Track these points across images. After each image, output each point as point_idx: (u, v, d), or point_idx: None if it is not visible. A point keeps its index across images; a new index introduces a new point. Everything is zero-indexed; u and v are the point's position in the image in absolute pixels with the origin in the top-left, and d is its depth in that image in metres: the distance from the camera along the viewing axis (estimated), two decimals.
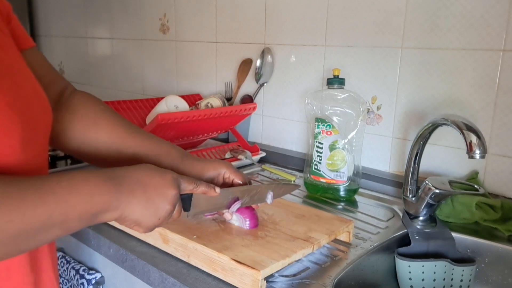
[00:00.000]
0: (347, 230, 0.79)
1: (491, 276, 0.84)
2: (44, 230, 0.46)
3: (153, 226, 0.57)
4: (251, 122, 1.41)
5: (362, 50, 1.12)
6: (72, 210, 0.47)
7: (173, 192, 0.57)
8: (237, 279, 0.63)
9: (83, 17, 2.06)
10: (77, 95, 0.72)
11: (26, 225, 0.43)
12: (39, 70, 0.65)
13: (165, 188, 0.56)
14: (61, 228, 0.47)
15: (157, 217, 0.56)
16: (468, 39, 0.95)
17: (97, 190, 0.50)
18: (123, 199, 0.52)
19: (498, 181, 0.95)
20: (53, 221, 0.46)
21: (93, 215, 0.50)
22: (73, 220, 0.48)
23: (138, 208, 0.54)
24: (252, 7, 1.35)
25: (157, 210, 0.56)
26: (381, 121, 1.11)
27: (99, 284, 0.90)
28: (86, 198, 0.49)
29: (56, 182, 0.47)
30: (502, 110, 0.93)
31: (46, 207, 0.45)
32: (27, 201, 0.44)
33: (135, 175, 0.55)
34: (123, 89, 1.93)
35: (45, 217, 0.45)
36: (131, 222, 0.55)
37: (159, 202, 0.56)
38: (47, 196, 0.45)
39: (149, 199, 0.55)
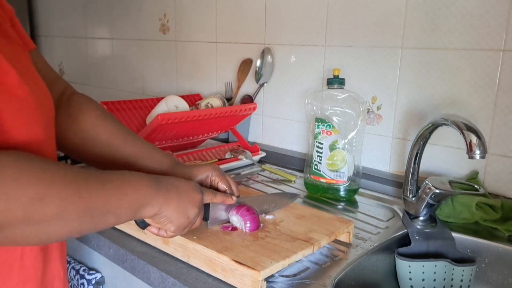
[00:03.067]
0: (347, 231, 0.79)
1: (491, 276, 0.84)
2: (102, 214, 0.51)
3: (183, 225, 0.63)
4: (251, 122, 1.41)
5: (362, 50, 1.12)
6: (125, 198, 0.54)
7: (199, 196, 0.65)
8: (237, 280, 0.63)
9: (83, 17, 2.06)
10: (76, 98, 0.73)
11: (92, 204, 0.49)
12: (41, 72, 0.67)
13: (193, 192, 0.64)
14: (115, 214, 0.53)
15: (186, 216, 0.63)
16: (468, 39, 0.95)
17: (143, 185, 0.57)
18: (161, 196, 0.59)
19: (498, 181, 0.95)
20: (110, 206, 0.52)
21: (139, 207, 0.56)
22: (124, 208, 0.54)
23: (172, 206, 0.60)
24: (252, 7, 1.35)
25: (186, 210, 0.62)
26: (381, 121, 1.11)
27: (99, 284, 0.90)
28: (135, 190, 0.56)
29: (112, 174, 0.55)
30: (502, 110, 0.93)
31: (106, 191, 0.51)
32: (93, 184, 0.50)
33: (169, 180, 0.63)
34: (123, 89, 1.93)
35: (105, 200, 0.51)
36: (166, 219, 0.61)
37: (188, 203, 0.63)
38: (107, 183, 0.52)
39: (180, 199, 0.62)
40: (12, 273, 0.53)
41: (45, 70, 0.70)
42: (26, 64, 0.55)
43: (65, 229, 0.48)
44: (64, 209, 0.46)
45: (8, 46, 0.53)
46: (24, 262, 0.55)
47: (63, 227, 0.47)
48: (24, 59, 0.56)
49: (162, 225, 0.63)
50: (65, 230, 0.48)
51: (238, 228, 0.74)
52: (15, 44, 0.56)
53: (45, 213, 0.45)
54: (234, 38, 1.42)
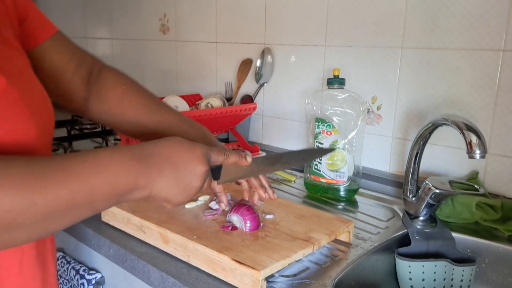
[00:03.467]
0: (347, 230, 0.79)
1: (491, 276, 0.84)
2: (70, 211, 0.45)
3: (182, 202, 0.56)
4: (251, 122, 1.41)
5: (362, 50, 1.12)
6: (97, 191, 0.46)
7: (203, 168, 0.56)
8: (237, 279, 0.63)
9: (83, 17, 2.06)
10: (102, 75, 0.74)
11: (51, 207, 0.43)
12: (64, 56, 0.69)
13: (195, 164, 0.55)
14: (88, 208, 0.47)
15: (186, 194, 0.55)
16: (468, 39, 0.95)
17: (123, 170, 0.49)
18: (151, 178, 0.51)
19: (498, 181, 0.95)
20: (78, 202, 0.45)
21: (120, 195, 0.49)
22: (99, 201, 0.47)
23: (167, 187, 0.53)
24: (252, 7, 1.35)
25: (186, 187, 0.55)
26: (381, 121, 1.11)
27: (99, 284, 0.90)
28: (111, 179, 0.47)
29: (82, 161, 0.46)
30: (502, 110, 0.93)
31: (70, 188, 0.44)
32: (51, 182, 0.43)
33: (164, 152, 0.53)
34: None
35: (69, 199, 0.44)
36: (161, 200, 0.55)
37: (189, 179, 0.55)
38: (71, 177, 0.45)
39: (178, 176, 0.54)
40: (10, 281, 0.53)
41: (69, 53, 0.71)
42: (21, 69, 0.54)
43: (25, 234, 0.43)
44: (19, 215, 0.40)
45: (3, 50, 0.52)
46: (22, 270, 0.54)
47: (22, 232, 0.42)
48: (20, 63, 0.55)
49: (157, 203, 0.56)
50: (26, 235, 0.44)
51: (238, 228, 0.74)
52: (12, 48, 0.55)
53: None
54: (234, 38, 1.42)
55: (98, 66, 0.75)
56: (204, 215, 0.79)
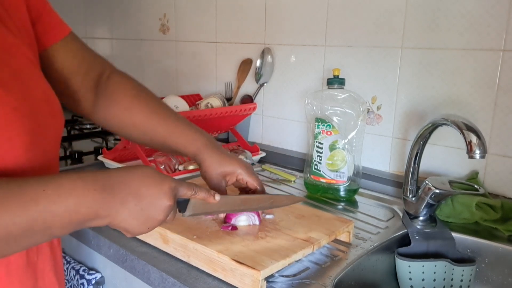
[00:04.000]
0: (347, 231, 0.79)
1: (491, 276, 0.84)
2: (25, 237, 0.44)
3: (141, 233, 0.56)
4: (251, 122, 1.41)
5: (362, 50, 1.12)
6: (55, 220, 0.46)
7: (168, 203, 0.55)
8: (237, 279, 0.63)
9: (83, 17, 2.06)
10: (112, 80, 0.74)
11: (4, 233, 0.42)
12: (75, 59, 0.69)
13: (160, 199, 0.54)
14: (45, 235, 0.47)
15: (147, 226, 0.55)
16: (468, 39, 0.95)
17: (85, 200, 0.48)
18: (113, 209, 0.50)
19: (498, 181, 0.95)
20: (35, 229, 0.44)
21: (79, 223, 0.48)
22: (57, 228, 0.47)
23: (128, 218, 0.52)
24: (252, 7, 1.35)
25: (148, 219, 0.54)
26: (381, 121, 1.11)
27: (99, 284, 0.90)
28: (72, 207, 0.47)
29: (42, 188, 0.45)
30: (502, 110, 0.93)
31: (27, 215, 0.43)
32: (7, 209, 0.42)
33: (133, 184, 0.53)
34: None
35: (26, 226, 0.43)
36: (120, 228, 0.54)
37: (152, 212, 0.54)
38: (29, 205, 0.44)
39: (141, 209, 0.53)
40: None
41: (81, 56, 0.71)
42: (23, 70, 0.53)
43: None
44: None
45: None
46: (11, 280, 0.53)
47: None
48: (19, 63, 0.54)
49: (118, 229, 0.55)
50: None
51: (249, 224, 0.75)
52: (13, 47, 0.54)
53: None
54: (234, 38, 1.42)
55: (109, 70, 0.75)
56: (204, 216, 0.79)
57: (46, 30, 0.63)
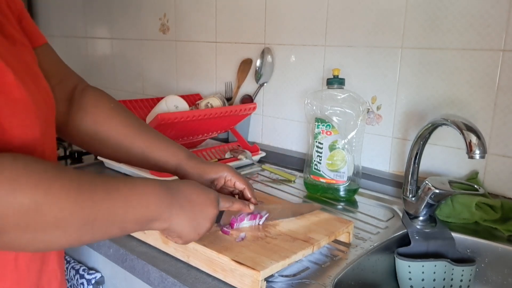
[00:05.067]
0: (347, 231, 0.79)
1: (491, 276, 0.84)
2: (105, 225, 0.48)
3: (192, 240, 0.61)
4: (251, 122, 1.41)
5: (362, 50, 1.12)
6: (132, 211, 0.51)
7: (215, 211, 0.62)
8: (237, 280, 0.63)
9: (83, 17, 2.06)
10: (88, 92, 0.73)
11: (93, 214, 0.46)
12: (51, 67, 0.68)
13: (209, 207, 0.61)
14: (119, 227, 0.50)
15: (197, 232, 0.60)
16: (468, 39, 0.95)
17: (155, 198, 0.53)
18: (173, 212, 0.56)
19: (498, 181, 0.95)
20: (114, 217, 0.49)
21: (147, 221, 0.53)
22: (131, 222, 0.51)
23: (184, 222, 0.58)
24: (252, 7, 1.35)
25: (198, 226, 0.60)
26: (381, 121, 1.11)
27: (99, 284, 0.90)
28: (145, 203, 0.52)
29: (121, 181, 0.51)
30: (502, 110, 0.93)
31: (112, 202, 0.48)
32: (96, 193, 0.47)
33: (186, 191, 0.59)
34: (123, 89, 1.93)
35: (110, 211, 0.48)
36: (175, 234, 0.59)
37: (202, 219, 0.60)
38: (113, 193, 0.49)
39: (194, 215, 0.59)
40: (5, 275, 0.53)
41: (56, 66, 0.70)
42: (28, 64, 0.55)
43: (63, 239, 0.46)
44: (62, 219, 0.44)
45: (9, 47, 0.52)
46: (18, 264, 0.54)
47: (61, 237, 0.45)
48: (27, 58, 0.56)
49: (170, 237, 0.61)
50: (64, 240, 0.46)
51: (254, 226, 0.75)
52: (19, 44, 0.55)
53: (42, 222, 0.42)
54: (234, 38, 1.42)
55: (83, 84, 0.74)
56: None
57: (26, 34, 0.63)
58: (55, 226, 0.44)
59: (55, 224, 0.43)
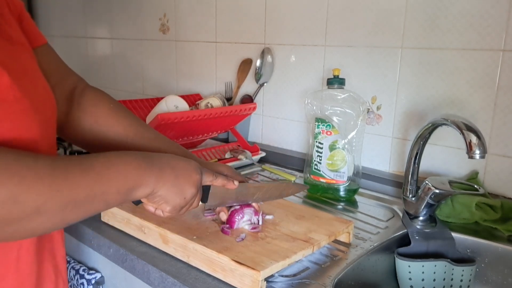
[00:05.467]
0: (347, 231, 0.79)
1: (491, 276, 0.84)
2: (87, 202, 0.49)
3: (179, 205, 0.61)
4: (251, 122, 1.41)
5: (362, 50, 1.12)
6: (110, 184, 0.51)
7: (197, 176, 0.62)
8: (237, 280, 0.63)
9: (83, 17, 2.06)
10: (88, 92, 0.73)
11: (72, 195, 0.47)
12: (50, 67, 0.68)
13: (190, 172, 0.61)
14: (102, 200, 0.51)
15: (183, 196, 0.60)
16: (468, 39, 0.95)
17: (131, 166, 0.54)
18: (153, 176, 0.56)
19: (498, 181, 0.95)
20: (94, 193, 0.49)
21: (129, 189, 0.54)
22: (112, 194, 0.52)
23: (166, 185, 0.58)
24: (252, 7, 1.35)
25: (183, 189, 0.60)
26: (381, 121, 1.11)
27: (99, 284, 0.90)
28: (122, 173, 0.53)
29: (95, 159, 0.51)
30: (502, 110, 0.93)
31: (88, 180, 0.49)
32: (71, 174, 0.47)
33: (164, 159, 0.60)
34: (123, 89, 1.93)
35: (88, 189, 0.49)
36: (160, 199, 0.59)
37: (185, 183, 0.60)
38: (88, 171, 0.49)
39: (176, 178, 0.59)
40: (7, 276, 0.53)
41: (55, 66, 0.70)
42: (26, 64, 0.55)
43: (48, 223, 0.46)
44: (42, 205, 0.44)
45: (6, 47, 0.52)
46: (19, 265, 0.54)
47: (45, 221, 0.46)
48: (25, 59, 0.56)
49: (157, 205, 0.61)
50: (49, 224, 0.47)
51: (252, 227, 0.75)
52: (17, 45, 0.55)
53: (22, 211, 0.43)
54: (234, 38, 1.42)
55: (82, 85, 0.75)
56: (204, 216, 0.79)
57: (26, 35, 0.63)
58: (36, 213, 0.44)
59: (35, 211, 0.44)
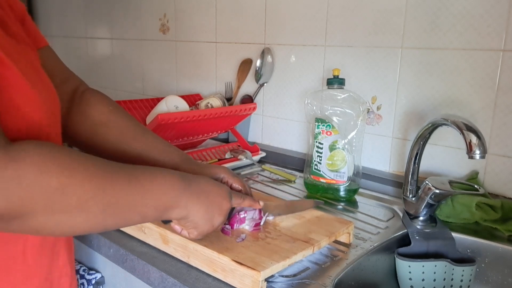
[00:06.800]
0: (347, 232, 0.79)
1: (491, 276, 0.84)
2: (126, 210, 0.51)
3: (206, 231, 0.63)
4: (251, 122, 1.41)
5: (362, 50, 1.12)
6: (151, 198, 0.53)
7: (228, 205, 0.64)
8: (237, 280, 0.63)
9: (83, 17, 2.06)
10: (88, 94, 0.73)
11: (114, 199, 0.49)
12: (52, 69, 0.68)
13: (223, 200, 0.63)
14: (140, 212, 0.53)
15: (211, 224, 0.62)
16: (468, 39, 0.95)
17: (172, 186, 0.56)
18: (190, 201, 0.58)
19: (498, 181, 0.95)
20: (134, 204, 0.51)
21: (166, 208, 0.56)
22: (150, 208, 0.53)
23: (200, 212, 0.60)
24: (252, 7, 1.35)
25: (213, 217, 0.62)
26: (381, 121, 1.11)
27: (99, 284, 0.90)
28: (163, 190, 0.55)
29: (141, 171, 0.54)
30: (502, 110, 0.93)
31: (131, 188, 0.51)
32: (117, 179, 0.49)
33: (200, 182, 0.61)
34: (123, 89, 1.93)
35: (129, 197, 0.50)
36: (191, 224, 0.61)
37: (216, 210, 0.62)
38: (133, 180, 0.51)
39: (209, 206, 0.61)
40: (15, 268, 0.54)
41: (57, 68, 0.71)
42: (32, 62, 0.56)
43: (88, 223, 0.48)
44: (86, 201, 0.46)
45: (14, 45, 0.53)
46: (26, 257, 0.55)
47: (86, 220, 0.47)
48: (30, 57, 0.56)
49: (186, 228, 0.63)
50: (88, 224, 0.48)
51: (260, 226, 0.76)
52: (23, 44, 0.56)
53: (67, 204, 0.44)
54: (234, 38, 1.42)
55: (83, 87, 0.75)
56: None
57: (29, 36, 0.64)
58: (79, 208, 0.45)
59: (78, 207, 0.45)
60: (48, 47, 0.69)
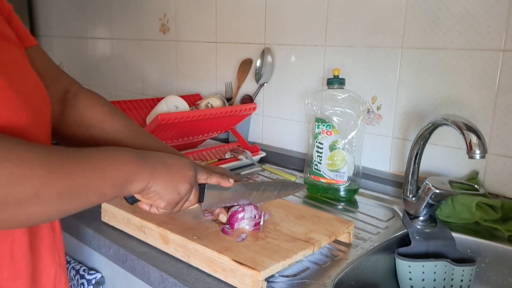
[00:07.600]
0: (347, 231, 0.79)
1: (491, 276, 0.84)
2: (82, 192, 0.50)
3: (174, 201, 0.62)
4: (251, 122, 1.41)
5: (362, 50, 1.12)
6: (106, 176, 0.52)
7: (191, 172, 0.64)
8: (237, 280, 0.63)
9: (83, 17, 2.06)
10: (82, 94, 0.73)
11: (68, 182, 0.48)
12: (41, 68, 0.67)
13: (184, 167, 0.63)
14: (96, 193, 0.52)
15: (177, 191, 0.62)
16: (468, 39, 0.95)
17: (126, 161, 0.56)
18: (147, 172, 0.58)
19: (498, 181, 0.95)
20: (90, 184, 0.50)
21: (124, 183, 0.55)
22: (107, 187, 0.53)
23: (160, 181, 0.59)
24: (252, 7, 1.35)
25: (177, 185, 0.61)
26: (381, 121, 1.11)
27: (99, 284, 0.90)
28: (117, 166, 0.54)
29: (96, 152, 0.53)
30: (502, 110, 0.93)
31: (85, 169, 0.50)
32: (69, 162, 0.48)
33: (157, 155, 0.62)
34: (123, 89, 1.93)
35: (84, 179, 0.50)
36: (154, 194, 0.60)
37: (179, 178, 0.62)
38: (86, 160, 0.51)
39: (170, 174, 0.61)
40: (2, 267, 0.54)
41: (46, 67, 0.70)
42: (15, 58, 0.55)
43: (45, 210, 0.47)
44: (40, 188, 0.45)
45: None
46: (14, 257, 0.55)
47: (42, 208, 0.46)
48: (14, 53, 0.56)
49: (152, 201, 0.62)
50: (46, 211, 0.47)
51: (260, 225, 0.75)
52: (6, 40, 0.56)
53: (21, 194, 0.44)
54: (234, 38, 1.42)
55: (76, 86, 0.74)
56: (204, 216, 0.79)
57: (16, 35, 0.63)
58: (35, 197, 0.45)
59: (34, 196, 0.45)
60: (38, 47, 0.69)
